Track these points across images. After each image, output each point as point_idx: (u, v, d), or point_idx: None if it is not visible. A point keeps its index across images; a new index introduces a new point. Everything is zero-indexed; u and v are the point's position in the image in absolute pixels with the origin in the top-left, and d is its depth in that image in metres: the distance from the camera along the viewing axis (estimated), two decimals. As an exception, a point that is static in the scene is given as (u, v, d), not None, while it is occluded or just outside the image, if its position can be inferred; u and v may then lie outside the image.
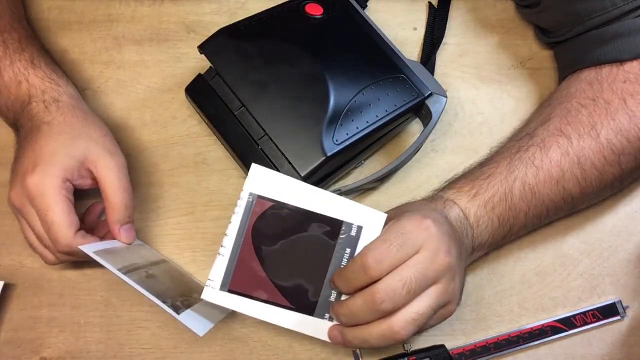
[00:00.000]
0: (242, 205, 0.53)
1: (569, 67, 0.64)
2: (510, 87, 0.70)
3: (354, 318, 0.50)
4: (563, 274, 0.63)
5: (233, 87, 0.60)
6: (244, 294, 0.52)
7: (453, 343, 0.60)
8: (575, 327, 0.61)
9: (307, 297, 0.53)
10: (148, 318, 0.60)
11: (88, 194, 0.60)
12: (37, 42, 0.63)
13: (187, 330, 0.59)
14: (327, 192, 0.53)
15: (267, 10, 0.63)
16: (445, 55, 0.71)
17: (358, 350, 0.58)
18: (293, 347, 0.60)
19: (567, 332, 0.60)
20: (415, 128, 0.68)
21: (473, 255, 0.58)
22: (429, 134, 0.63)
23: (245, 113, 0.59)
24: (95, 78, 0.68)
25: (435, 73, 0.69)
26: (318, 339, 0.53)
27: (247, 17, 0.63)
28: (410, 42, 0.71)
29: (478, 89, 0.70)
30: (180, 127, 0.67)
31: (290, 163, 0.57)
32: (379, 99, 0.60)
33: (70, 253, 0.55)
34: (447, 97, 0.64)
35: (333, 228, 0.53)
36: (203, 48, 0.61)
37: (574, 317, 0.61)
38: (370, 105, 0.60)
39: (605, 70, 0.59)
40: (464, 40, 0.71)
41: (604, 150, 0.57)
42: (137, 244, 0.60)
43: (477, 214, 0.56)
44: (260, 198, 0.53)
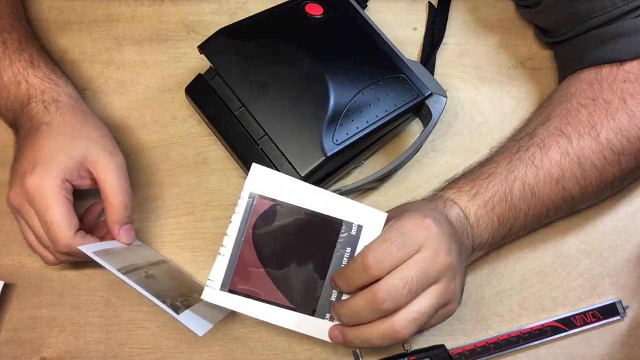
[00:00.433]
0: (242, 205, 0.53)
1: (569, 67, 0.64)
2: (510, 87, 0.70)
3: (355, 318, 0.50)
4: (563, 274, 0.63)
5: (233, 87, 0.60)
6: (244, 294, 0.52)
7: (453, 343, 0.60)
8: (575, 327, 0.61)
9: (307, 297, 0.53)
10: (148, 318, 0.61)
11: (88, 194, 0.60)
12: (36, 42, 0.63)
13: (187, 331, 0.59)
14: (327, 191, 0.53)
15: (267, 10, 0.63)
16: (445, 55, 0.71)
17: (358, 350, 0.58)
18: (293, 347, 0.60)
19: (567, 332, 0.60)
20: (415, 128, 0.68)
21: (473, 255, 0.58)
22: (429, 134, 0.63)
23: (245, 113, 0.59)
24: (95, 78, 0.68)
25: (435, 73, 0.69)
26: (318, 339, 0.53)
27: (247, 17, 0.63)
28: (410, 42, 0.71)
29: (478, 89, 0.70)
30: (180, 127, 0.67)
31: (290, 163, 0.57)
32: (379, 99, 0.60)
33: (70, 253, 0.55)
34: (447, 97, 0.64)
35: (333, 227, 0.53)
36: (203, 48, 0.61)
37: (574, 317, 0.61)
38: (370, 105, 0.60)
39: (605, 70, 0.59)
40: (464, 40, 0.71)
41: (604, 150, 0.57)
42: (136, 245, 0.60)
43: (477, 214, 0.56)
44: (261, 198, 0.53)
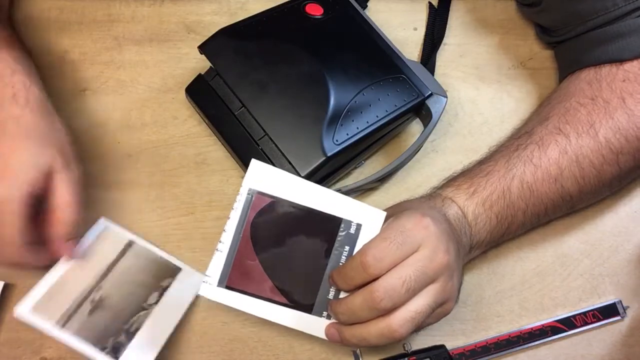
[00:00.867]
0: (241, 201, 0.53)
1: (569, 66, 0.64)
2: (510, 87, 0.70)
3: (353, 316, 0.50)
4: (563, 274, 0.63)
5: (233, 87, 0.60)
6: (241, 290, 0.52)
7: (453, 343, 0.60)
8: (575, 327, 0.61)
9: (305, 294, 0.53)
10: (148, 318, 0.60)
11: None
12: (18, 44, 0.60)
13: (186, 330, 0.59)
14: (326, 189, 0.53)
15: (267, 10, 0.63)
16: (445, 55, 0.71)
17: (358, 350, 0.58)
18: (293, 347, 0.60)
19: (567, 332, 0.60)
20: (415, 128, 0.68)
21: (471, 254, 0.58)
22: (429, 134, 0.63)
23: (245, 113, 0.59)
24: (95, 78, 0.68)
25: (435, 73, 0.69)
26: (318, 339, 0.53)
27: (247, 17, 0.63)
28: (410, 42, 0.71)
29: (478, 89, 0.70)
30: (180, 127, 0.67)
31: (290, 163, 0.57)
32: (379, 99, 0.60)
33: (14, 265, 0.53)
34: (447, 97, 0.64)
35: (332, 225, 0.53)
36: (203, 48, 0.61)
37: (574, 317, 0.61)
38: (370, 105, 0.60)
39: (605, 70, 0.59)
40: (464, 40, 0.71)
41: (602, 149, 0.57)
42: (92, 240, 0.58)
43: (475, 212, 0.56)
44: (260, 194, 0.53)
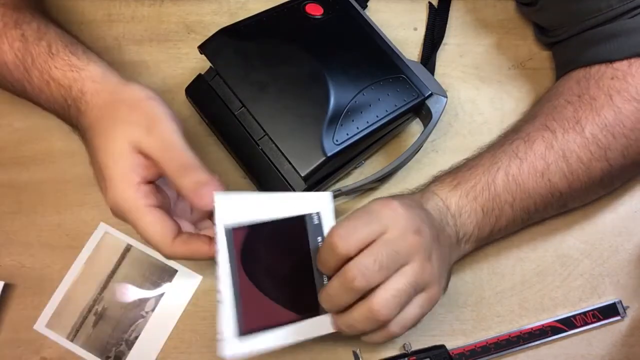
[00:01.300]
0: (222, 243, 0.50)
1: (565, 66, 0.64)
2: (510, 87, 0.70)
3: (334, 301, 0.50)
4: (563, 274, 0.63)
5: (233, 87, 0.60)
6: (258, 329, 0.51)
7: (453, 343, 0.60)
8: (575, 327, 0.61)
9: (307, 299, 0.53)
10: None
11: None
12: (54, 25, 0.59)
13: (186, 331, 0.59)
14: (278, 193, 0.54)
15: (267, 10, 0.63)
16: (445, 55, 0.71)
17: (357, 350, 0.58)
18: (293, 347, 0.60)
19: (567, 332, 0.60)
20: (415, 128, 0.68)
21: (460, 247, 0.58)
22: (429, 134, 0.63)
23: (245, 113, 0.59)
24: (95, 78, 0.68)
25: (435, 73, 0.69)
26: (318, 339, 0.53)
27: (247, 17, 0.63)
28: (410, 42, 0.71)
29: (478, 89, 0.70)
30: (180, 127, 0.66)
31: (290, 163, 0.57)
32: (379, 99, 0.60)
33: (183, 257, 0.52)
34: (447, 97, 0.64)
35: (299, 225, 0.53)
36: (203, 48, 0.61)
37: (574, 317, 0.61)
38: (370, 105, 0.60)
39: (594, 69, 0.60)
40: (464, 40, 0.71)
41: (590, 145, 0.57)
42: (92, 248, 0.60)
43: (458, 204, 0.57)
44: (235, 229, 0.51)
